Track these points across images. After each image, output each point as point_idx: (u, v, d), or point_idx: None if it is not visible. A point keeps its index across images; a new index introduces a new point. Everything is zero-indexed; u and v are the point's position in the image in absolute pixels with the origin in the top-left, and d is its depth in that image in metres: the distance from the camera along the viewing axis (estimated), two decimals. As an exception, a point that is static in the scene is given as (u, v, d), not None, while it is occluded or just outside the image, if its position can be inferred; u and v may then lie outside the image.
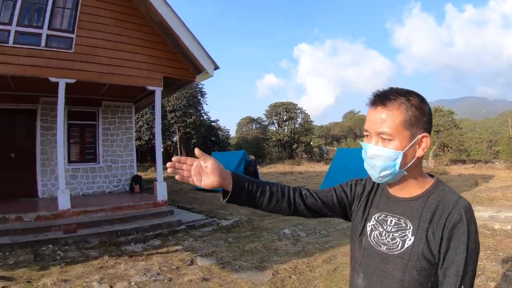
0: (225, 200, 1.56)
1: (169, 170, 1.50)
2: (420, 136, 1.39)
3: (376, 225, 1.52)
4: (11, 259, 7.01)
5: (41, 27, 9.48)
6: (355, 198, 1.68)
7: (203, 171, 1.51)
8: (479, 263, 6.07)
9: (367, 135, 1.48)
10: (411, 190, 1.47)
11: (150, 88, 10.62)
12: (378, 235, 1.49)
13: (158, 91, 10.65)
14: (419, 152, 1.41)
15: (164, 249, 7.47)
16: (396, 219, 1.46)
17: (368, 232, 1.53)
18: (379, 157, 1.39)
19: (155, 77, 10.59)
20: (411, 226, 1.40)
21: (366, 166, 1.48)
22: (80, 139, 13.44)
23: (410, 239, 1.38)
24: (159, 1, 10.10)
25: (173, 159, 1.52)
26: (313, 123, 62.59)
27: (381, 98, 1.41)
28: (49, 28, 9.54)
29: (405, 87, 1.47)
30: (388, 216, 1.49)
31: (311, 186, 14.31)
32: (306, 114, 60.69)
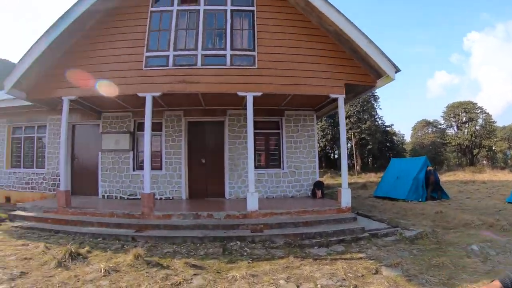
0: None
1: None
2: None
3: None
4: (201, 251, 7.82)
5: (224, 49, 10.66)
6: None
7: None
8: None
9: None
10: None
11: (333, 96, 10.86)
12: None
13: (341, 98, 10.80)
14: None
15: (348, 256, 7.45)
16: None
17: None
18: None
19: (336, 85, 10.77)
20: None
21: None
22: (264, 146, 14.42)
23: None
24: (331, 11, 10.33)
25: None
26: (495, 124, 56.65)
27: None
28: (232, 48, 10.70)
29: None
30: None
31: (496, 198, 13.32)
32: (488, 114, 55.36)
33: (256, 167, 13.06)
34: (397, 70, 10.64)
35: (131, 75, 10.62)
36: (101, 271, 6.28)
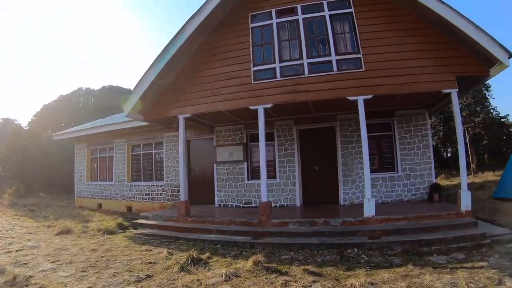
0: None
1: None
2: None
3: None
4: (318, 258, 8.01)
5: (329, 54, 10.88)
6: None
7: None
8: None
9: None
10: None
11: (445, 91, 10.46)
12: None
13: (454, 93, 10.37)
14: None
15: (469, 264, 7.14)
16: None
17: None
18: None
19: (447, 79, 10.38)
20: None
21: None
22: (377, 150, 14.27)
23: None
24: (432, 1, 10.04)
25: None
26: None
27: None
28: (336, 53, 10.88)
29: None
30: None
31: None
32: None
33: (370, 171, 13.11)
34: (510, 55, 9.93)
35: (241, 90, 11.22)
36: (222, 276, 6.73)
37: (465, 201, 10.05)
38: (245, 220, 10.81)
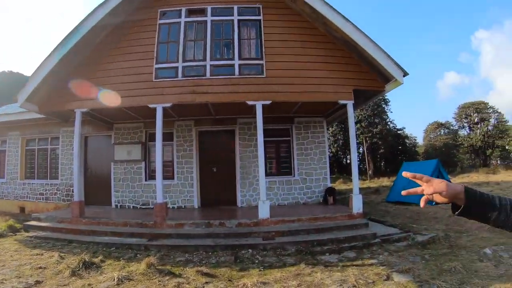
0: (456, 213, 1.54)
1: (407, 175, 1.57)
2: None
3: None
4: (213, 259, 7.92)
5: (233, 58, 10.81)
6: None
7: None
8: None
9: None
10: None
11: (342, 102, 10.92)
12: None
13: (350, 104, 10.86)
14: None
15: (359, 262, 7.47)
16: None
17: None
18: None
19: (345, 91, 10.84)
20: None
21: None
22: (275, 154, 14.52)
23: None
24: (337, 17, 10.46)
25: (405, 174, 1.60)
26: (508, 123, 55.84)
27: None
28: (240, 58, 10.86)
29: None
30: None
31: None
32: (500, 113, 54.59)
33: (267, 174, 13.13)
34: (405, 73, 10.69)
35: (142, 87, 10.81)
36: (114, 279, 6.41)
37: (357, 204, 10.50)
38: (141, 222, 10.43)
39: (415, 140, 57.23)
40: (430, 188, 1.50)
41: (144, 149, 14.35)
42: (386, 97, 46.25)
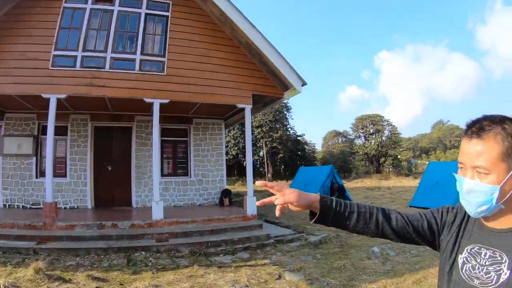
0: (312, 221, 1.57)
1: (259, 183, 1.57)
2: None
3: (468, 258, 1.41)
4: (105, 262, 7.60)
5: (135, 53, 10.39)
6: (445, 227, 1.57)
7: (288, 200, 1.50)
8: None
9: (461, 167, 1.38)
10: (507, 221, 1.35)
11: (240, 105, 11.01)
12: (470, 268, 1.38)
13: (248, 108, 10.99)
14: None
15: (252, 262, 7.57)
16: (491, 251, 1.34)
17: (460, 265, 1.42)
18: (475, 192, 1.30)
19: (244, 95, 10.94)
20: (507, 259, 1.27)
21: (462, 201, 1.40)
22: (172, 154, 14.29)
23: (505, 273, 1.26)
24: (244, 23, 10.54)
25: (258, 183, 1.59)
26: (400, 135, 60.54)
27: (475, 129, 1.32)
28: (142, 53, 10.45)
29: (498, 112, 1.36)
30: (482, 249, 1.38)
31: (399, 202, 14.14)
32: (393, 126, 58.93)
33: (163, 175, 13.10)
34: (304, 83, 11.11)
35: (37, 74, 9.93)
36: None
37: (251, 206, 10.59)
38: (30, 223, 9.66)
39: (314, 146, 59.27)
40: (281, 198, 1.50)
41: (36, 142, 13.11)
42: (288, 104, 47.64)
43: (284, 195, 1.49)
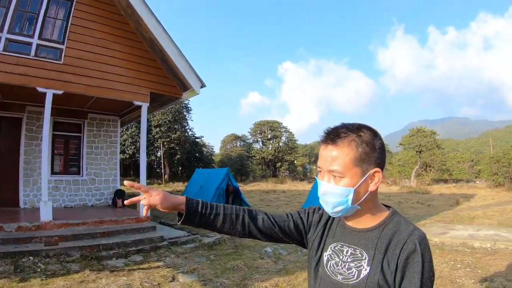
0: (179, 222, 1.60)
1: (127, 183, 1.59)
2: (372, 171, 1.40)
3: (332, 255, 1.52)
4: (-10, 269, 6.94)
5: (32, 36, 9.42)
6: (311, 227, 1.69)
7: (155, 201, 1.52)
8: (458, 280, 6.25)
9: (320, 171, 1.48)
10: (366, 221, 1.49)
11: (137, 103, 10.65)
12: (334, 264, 1.49)
13: (145, 106, 10.67)
14: (372, 187, 1.42)
15: (146, 265, 7.38)
16: (352, 249, 1.46)
17: (325, 262, 1.54)
18: (331, 194, 1.41)
19: (142, 93, 10.61)
20: (366, 256, 1.41)
21: (320, 202, 1.50)
22: (64, 150, 13.36)
23: (365, 269, 1.39)
24: (150, 17, 10.22)
25: (126, 183, 1.61)
26: (297, 142, 62.89)
27: (332, 136, 1.42)
28: (40, 37, 9.50)
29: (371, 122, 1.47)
30: (345, 246, 1.50)
31: (293, 205, 14.63)
32: (291, 132, 61.18)
33: (54, 172, 12.29)
34: (203, 85, 11.09)
35: None
36: None
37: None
38: None
39: (212, 149, 59.63)
40: (146, 199, 1.52)
41: None
42: (188, 105, 47.44)
43: (149, 197, 1.51)
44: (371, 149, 1.40)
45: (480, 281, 6.21)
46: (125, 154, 39.89)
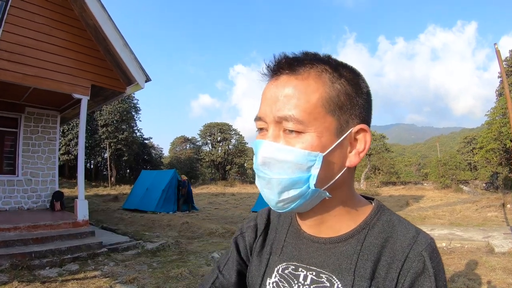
0: None
1: None
2: (355, 128, 0.83)
3: (280, 283, 0.91)
4: None
5: None
6: (251, 251, 1.07)
7: None
8: None
9: (261, 128, 0.88)
10: (337, 224, 0.89)
11: (76, 96, 9.79)
12: None
13: (85, 100, 9.86)
14: (353, 158, 0.83)
15: (82, 275, 6.76)
16: (313, 273, 0.86)
17: None
18: (279, 164, 0.79)
19: (82, 85, 9.80)
20: (339, 286, 0.81)
21: (259, 183, 0.85)
22: (-2, 148, 12.33)
23: None
24: (96, 5, 9.53)
25: None
26: (247, 145, 63.24)
27: (289, 62, 0.82)
28: None
29: None
30: (300, 269, 0.89)
31: (243, 208, 14.54)
32: (241, 135, 61.71)
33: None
34: (148, 79, 10.57)
35: None
36: None
37: (82, 210, 9.61)
38: None
39: (161, 151, 59.23)
40: None
41: None
42: (137, 105, 46.52)
43: None
44: (355, 90, 0.83)
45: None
46: (70, 155, 38.50)
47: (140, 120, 58.84)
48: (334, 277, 0.83)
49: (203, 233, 10.73)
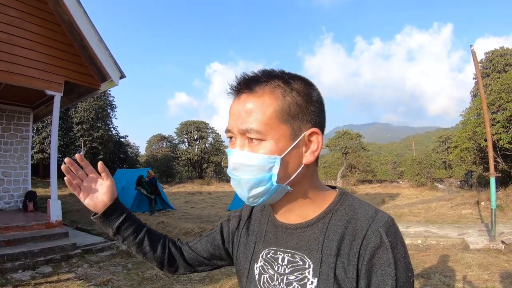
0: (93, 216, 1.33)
1: (62, 167, 1.28)
2: (307, 132, 0.99)
3: (265, 267, 1.10)
4: None
5: None
6: (234, 236, 1.30)
7: (96, 188, 1.30)
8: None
9: (230, 137, 1.05)
10: (303, 211, 1.06)
11: (49, 92, 9.52)
12: (269, 280, 1.07)
13: (58, 96, 9.63)
14: (308, 157, 1.00)
15: (55, 278, 6.65)
16: (289, 255, 1.04)
17: (257, 277, 1.12)
18: (246, 167, 0.97)
19: (55, 81, 9.56)
20: (311, 263, 0.99)
21: (232, 183, 1.05)
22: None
23: (311, 281, 0.97)
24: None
25: (66, 160, 1.29)
26: (224, 143, 63.14)
27: (247, 82, 1.00)
28: None
29: None
30: (279, 253, 1.08)
31: (219, 206, 14.54)
32: (217, 134, 61.70)
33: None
34: (122, 76, 10.50)
35: None
36: None
37: (55, 211, 9.43)
38: None
39: (137, 149, 58.70)
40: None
41: None
42: (113, 102, 46.01)
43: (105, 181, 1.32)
44: (306, 99, 1.00)
45: (417, 278, 6.23)
46: (44, 154, 37.80)
47: (116, 118, 58.36)
48: (305, 256, 1.01)
49: (178, 233, 10.68)
